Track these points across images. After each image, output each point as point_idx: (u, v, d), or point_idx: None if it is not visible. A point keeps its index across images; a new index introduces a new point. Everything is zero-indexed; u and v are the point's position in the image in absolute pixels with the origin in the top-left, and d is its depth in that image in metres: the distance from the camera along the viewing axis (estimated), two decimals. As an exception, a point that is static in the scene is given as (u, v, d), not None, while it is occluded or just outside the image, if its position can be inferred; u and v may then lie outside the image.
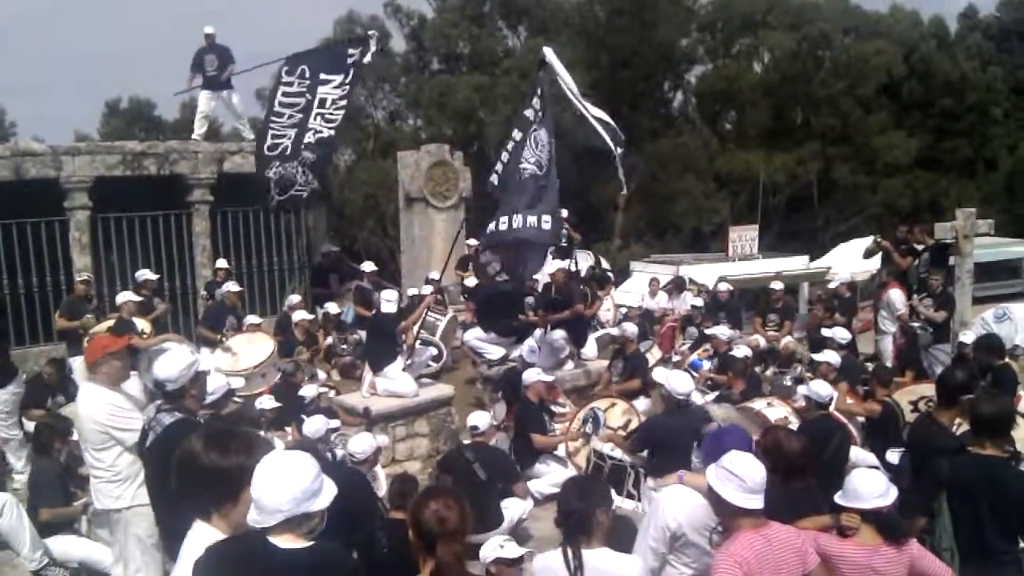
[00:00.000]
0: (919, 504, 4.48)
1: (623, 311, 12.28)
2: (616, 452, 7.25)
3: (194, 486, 2.90)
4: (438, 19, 33.08)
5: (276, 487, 2.65)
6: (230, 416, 6.92)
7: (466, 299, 12.33)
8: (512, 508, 6.73)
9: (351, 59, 9.10)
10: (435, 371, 10.16)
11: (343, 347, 11.11)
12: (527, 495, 7.12)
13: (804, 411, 7.17)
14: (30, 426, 8.11)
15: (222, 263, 11.80)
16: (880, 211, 30.46)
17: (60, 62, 69.23)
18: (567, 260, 11.24)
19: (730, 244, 19.04)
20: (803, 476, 4.32)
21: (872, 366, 9.66)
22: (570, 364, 10.16)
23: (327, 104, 9.07)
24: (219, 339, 9.73)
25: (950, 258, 10.75)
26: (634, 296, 13.21)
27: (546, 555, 3.81)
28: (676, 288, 13.66)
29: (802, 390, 7.46)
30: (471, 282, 12.46)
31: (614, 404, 8.41)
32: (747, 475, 3.49)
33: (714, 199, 30.06)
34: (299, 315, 10.58)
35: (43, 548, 6.15)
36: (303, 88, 9.07)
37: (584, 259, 13.88)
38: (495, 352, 10.23)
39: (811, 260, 19.82)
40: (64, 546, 6.29)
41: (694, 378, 9.41)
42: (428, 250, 13.42)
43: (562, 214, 9.65)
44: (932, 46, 33.90)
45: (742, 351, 9.55)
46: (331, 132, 9.23)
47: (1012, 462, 4.86)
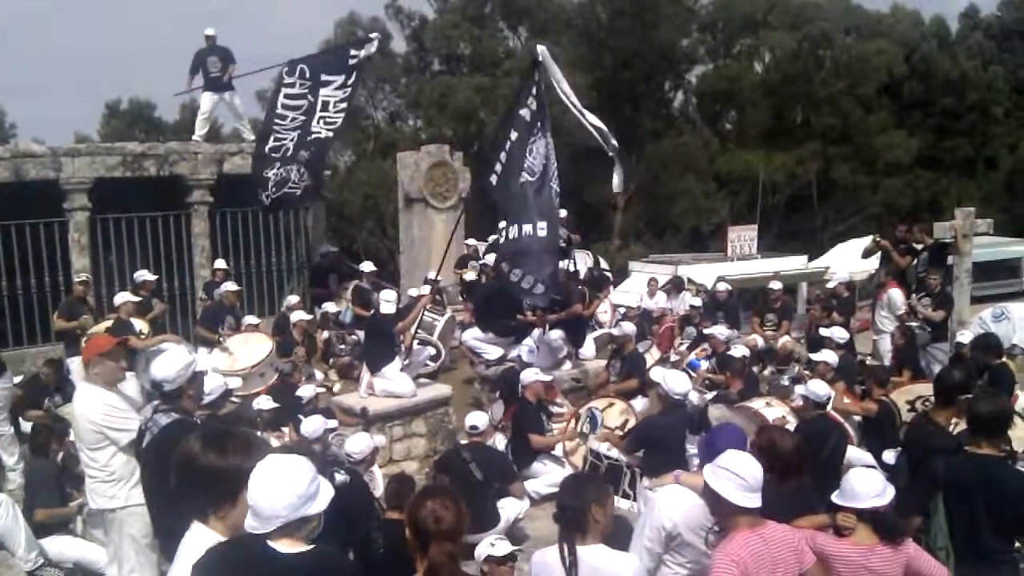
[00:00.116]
0: (915, 503, 4.48)
1: (621, 311, 12.28)
2: (612, 452, 7.26)
3: (192, 487, 2.89)
4: (439, 20, 33.12)
5: (272, 493, 2.64)
6: (227, 416, 6.92)
7: (464, 299, 12.32)
8: (509, 508, 6.72)
9: (353, 60, 9.12)
10: (433, 371, 10.15)
11: (341, 347, 11.11)
12: (524, 495, 7.12)
13: (802, 410, 7.18)
14: (27, 426, 8.12)
15: (221, 263, 11.80)
16: (880, 211, 30.48)
17: (60, 63, 69.39)
18: (566, 260, 11.23)
19: (729, 244, 19.03)
20: (798, 475, 4.32)
21: (870, 365, 9.65)
22: (568, 364, 10.17)
23: (329, 107, 9.10)
24: (217, 340, 9.75)
25: (949, 257, 10.76)
26: (633, 296, 13.21)
27: (544, 551, 3.80)
28: (675, 288, 13.65)
29: (800, 390, 7.46)
30: (470, 276, 12.43)
31: (612, 404, 8.41)
32: (747, 473, 3.48)
33: (714, 199, 30.09)
34: (297, 315, 10.57)
35: (38, 548, 6.14)
36: (304, 89, 9.09)
37: (583, 259, 13.87)
38: (493, 352, 10.22)
39: (810, 260, 19.82)
40: (59, 546, 6.28)
41: (692, 378, 9.44)
42: (427, 251, 13.40)
43: (561, 214, 9.66)
44: (933, 46, 33.91)
45: (740, 351, 9.56)
46: (330, 134, 9.29)
47: (1008, 461, 4.85)
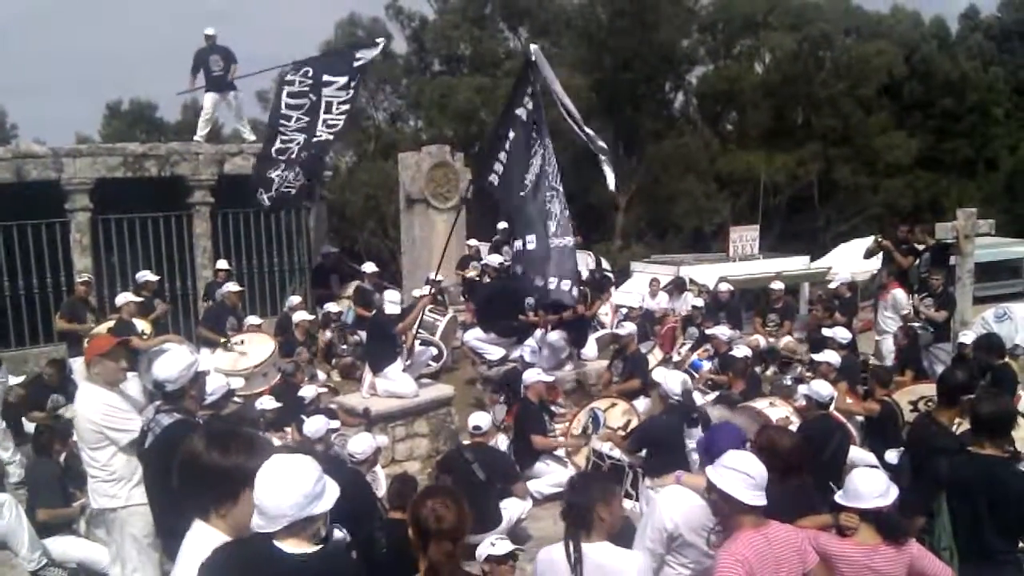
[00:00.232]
0: (919, 504, 4.47)
1: (623, 311, 12.27)
2: (615, 452, 7.26)
3: (194, 485, 2.89)
4: (439, 21, 33.15)
5: (279, 492, 2.64)
6: (230, 417, 6.92)
7: (466, 299, 12.33)
8: (511, 508, 6.73)
9: (357, 63, 9.12)
10: (435, 371, 10.15)
11: (343, 347, 11.11)
12: (526, 495, 7.12)
13: (804, 411, 7.18)
14: (30, 426, 8.12)
15: (222, 264, 11.78)
16: (881, 211, 30.48)
17: (61, 63, 69.43)
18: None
19: (731, 244, 19.01)
20: (799, 474, 4.32)
21: (872, 365, 9.65)
22: (570, 365, 10.17)
23: (332, 108, 9.08)
24: (225, 341, 9.70)
25: (951, 258, 10.75)
26: (634, 296, 13.21)
27: (549, 548, 3.81)
28: (676, 289, 13.64)
29: (803, 390, 7.45)
30: (472, 274, 12.43)
31: (614, 404, 8.41)
32: (754, 472, 3.49)
33: (715, 199, 30.09)
34: (299, 316, 10.56)
35: (42, 548, 6.15)
36: (305, 88, 9.09)
37: (584, 260, 13.87)
38: (495, 352, 10.23)
39: (812, 260, 19.79)
40: (62, 546, 6.29)
41: (694, 378, 9.45)
42: (429, 251, 13.41)
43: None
44: (933, 47, 33.90)
45: (742, 351, 9.55)
46: (331, 137, 9.28)
47: (1012, 462, 4.85)
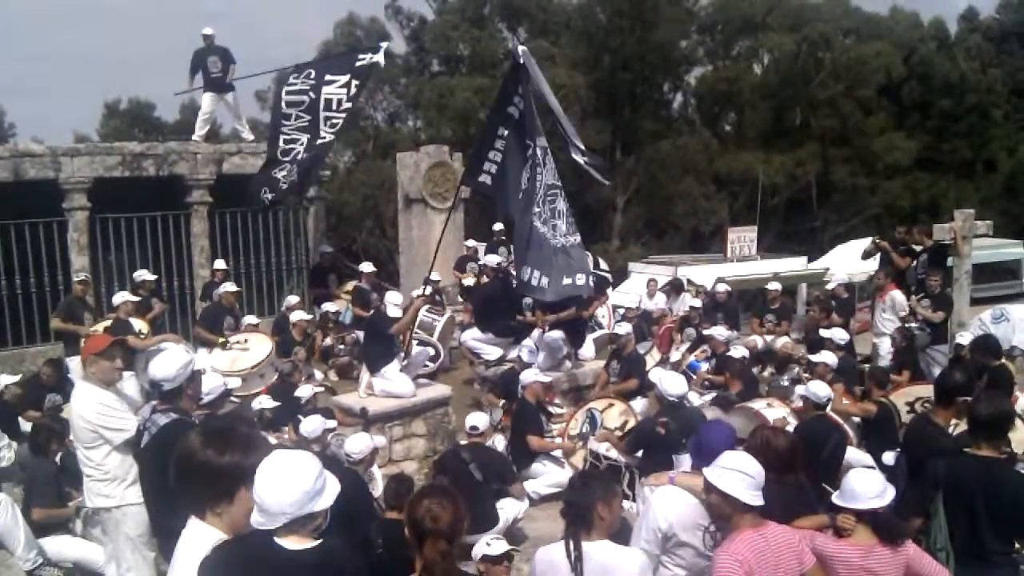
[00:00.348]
0: (915, 504, 4.47)
1: (620, 311, 12.27)
2: (612, 452, 7.26)
3: (190, 483, 2.88)
4: (438, 21, 33.13)
5: (279, 489, 2.64)
6: (226, 416, 6.91)
7: (464, 299, 12.33)
8: (508, 508, 6.72)
9: (359, 62, 9.09)
10: (432, 371, 10.14)
11: (340, 347, 11.10)
12: (523, 496, 7.12)
13: (801, 412, 7.18)
14: (27, 426, 8.10)
15: (220, 264, 11.79)
16: (879, 212, 30.51)
17: (59, 63, 69.40)
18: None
19: (729, 245, 18.99)
20: (794, 472, 4.32)
21: (867, 367, 9.65)
22: (568, 364, 10.17)
23: (332, 106, 9.04)
24: (222, 341, 9.68)
25: (948, 259, 10.77)
26: (632, 297, 13.20)
27: (548, 548, 3.81)
28: (674, 290, 13.61)
29: (800, 390, 7.46)
30: (469, 282, 12.44)
31: (612, 404, 8.42)
32: (753, 471, 3.51)
33: (713, 200, 30.06)
34: (297, 315, 10.55)
35: (37, 548, 6.13)
36: (306, 87, 9.06)
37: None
38: (493, 352, 10.22)
39: (809, 261, 19.79)
40: (58, 546, 6.28)
41: (691, 379, 9.45)
42: (427, 251, 13.38)
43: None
44: (932, 48, 33.91)
45: (740, 352, 9.56)
46: (332, 137, 9.25)
47: (1008, 463, 4.85)
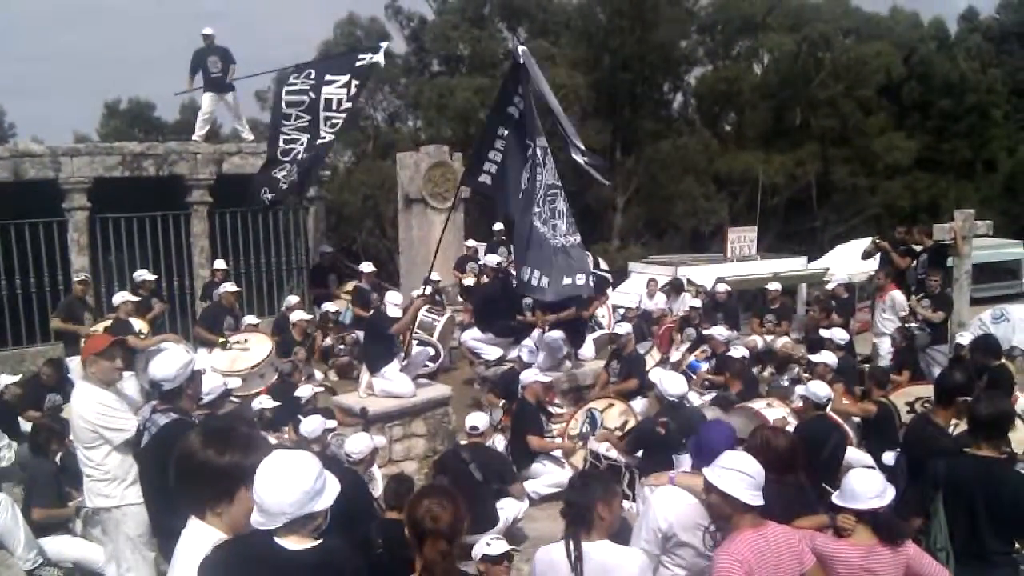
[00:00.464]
0: (915, 504, 4.47)
1: (620, 311, 12.26)
2: (612, 452, 7.26)
3: (190, 483, 2.88)
4: (438, 21, 33.13)
5: (279, 489, 2.64)
6: (226, 416, 6.91)
7: (464, 299, 12.33)
8: (508, 508, 6.72)
9: (359, 62, 9.08)
10: (432, 371, 10.14)
11: (340, 347, 11.09)
12: (523, 496, 7.12)
13: (801, 411, 7.18)
14: (27, 426, 8.10)
15: (220, 264, 11.78)
16: (879, 212, 30.51)
17: (59, 63, 69.39)
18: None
19: (729, 245, 18.98)
20: (794, 471, 4.33)
21: (867, 367, 9.65)
22: (568, 364, 10.17)
23: (332, 105, 9.02)
24: (222, 341, 9.67)
25: (948, 259, 10.76)
26: (632, 297, 13.19)
27: (548, 548, 3.80)
28: (674, 290, 13.60)
29: (800, 390, 7.46)
30: (469, 282, 12.44)
31: (612, 404, 8.41)
32: (754, 471, 3.51)
33: (713, 200, 30.06)
34: (297, 315, 10.55)
35: (37, 548, 6.13)
36: (306, 87, 9.05)
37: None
38: (493, 352, 10.22)
39: (809, 261, 19.79)
40: (58, 546, 6.28)
41: (691, 379, 9.45)
42: (427, 251, 13.39)
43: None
44: (932, 48, 33.91)
45: (740, 352, 9.56)
46: (332, 137, 9.22)
47: (1008, 463, 4.85)
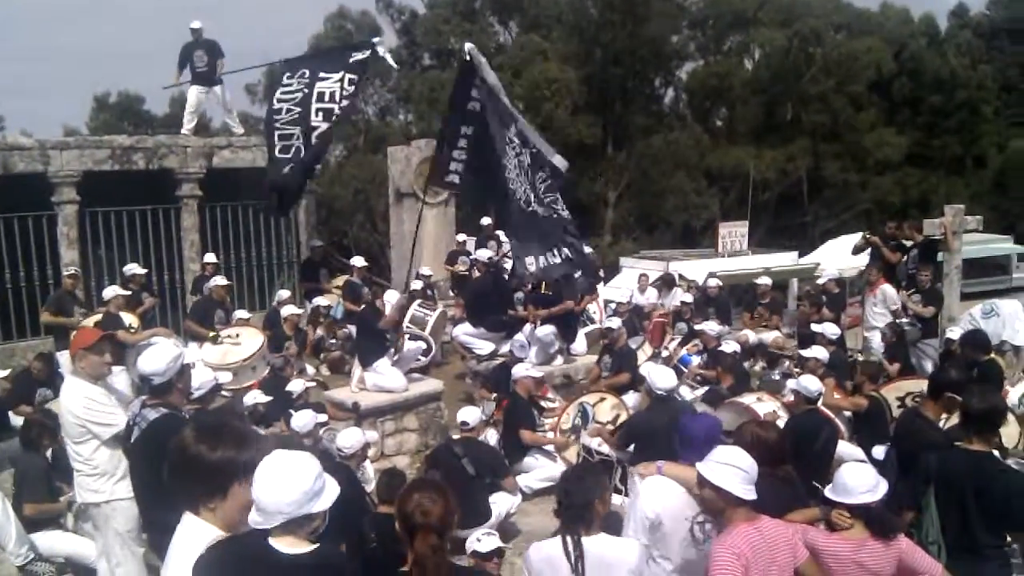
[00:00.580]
0: (906, 498, 4.49)
1: (612, 306, 12.26)
2: (604, 447, 7.25)
3: (183, 478, 2.86)
4: (429, 14, 33.06)
5: (277, 489, 2.62)
6: (217, 411, 6.88)
7: (455, 294, 12.31)
8: (501, 503, 6.72)
9: (352, 59, 9.00)
10: (424, 366, 10.13)
11: (332, 342, 11.07)
12: (516, 490, 7.11)
13: (792, 406, 7.19)
14: (18, 421, 8.06)
15: (210, 257, 11.74)
16: (869, 208, 30.62)
17: (49, 56, 68.94)
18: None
19: (720, 240, 19.05)
20: (783, 463, 4.35)
21: (859, 360, 9.69)
22: (559, 359, 10.17)
23: (325, 98, 8.96)
24: (213, 335, 9.62)
25: (938, 254, 10.80)
26: (623, 292, 13.20)
27: (540, 546, 3.79)
28: (665, 285, 13.62)
29: (791, 384, 7.46)
30: (462, 270, 12.40)
31: (603, 399, 8.41)
32: (746, 465, 3.52)
33: (704, 195, 30.15)
34: (288, 310, 10.51)
35: (29, 543, 6.08)
36: (301, 85, 8.97)
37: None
38: (485, 347, 10.21)
39: (800, 256, 19.88)
40: (50, 541, 6.23)
41: (683, 373, 9.45)
42: (418, 245, 13.35)
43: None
44: (922, 44, 34.04)
45: (731, 346, 9.57)
46: (327, 125, 9.08)
47: (999, 457, 4.87)
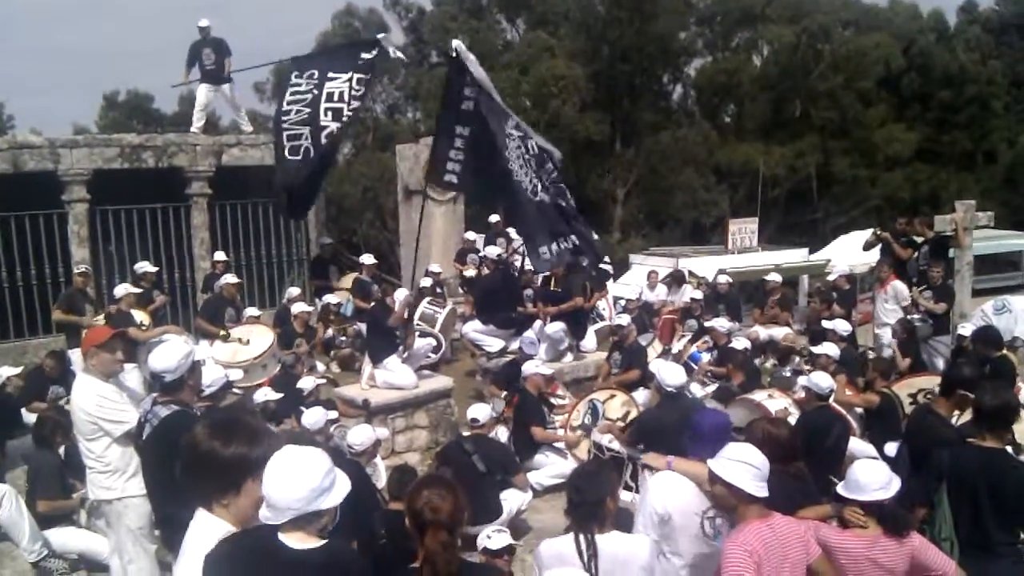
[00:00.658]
0: (918, 495, 4.48)
1: (622, 303, 12.24)
2: (614, 444, 7.25)
3: (196, 475, 2.87)
4: (437, 12, 33.03)
5: (286, 485, 2.62)
6: (229, 408, 6.90)
7: (465, 291, 12.32)
8: (511, 500, 6.72)
9: (362, 60, 9.00)
10: (434, 363, 10.14)
11: (342, 339, 11.09)
12: (526, 487, 7.12)
13: (804, 402, 7.18)
14: (30, 418, 8.09)
15: (220, 255, 11.76)
16: (880, 204, 30.50)
17: (58, 55, 69.20)
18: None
19: (729, 237, 19.00)
20: (795, 460, 4.34)
21: (871, 356, 9.66)
22: (569, 356, 10.17)
23: (334, 97, 8.95)
24: (223, 333, 9.65)
25: (950, 250, 10.75)
26: (633, 289, 13.17)
27: (554, 542, 3.78)
28: (675, 281, 13.60)
29: (802, 381, 7.45)
30: (470, 274, 12.43)
31: (613, 395, 8.40)
32: (759, 462, 3.51)
33: (713, 192, 30.07)
34: (298, 307, 10.53)
35: (42, 540, 6.13)
36: (311, 86, 8.97)
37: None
38: (494, 344, 10.22)
39: (810, 253, 19.79)
40: (63, 537, 6.28)
41: (693, 371, 9.44)
42: (427, 243, 13.39)
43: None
44: (931, 39, 33.86)
45: (741, 343, 9.55)
46: (338, 124, 9.06)
47: (1012, 454, 4.85)
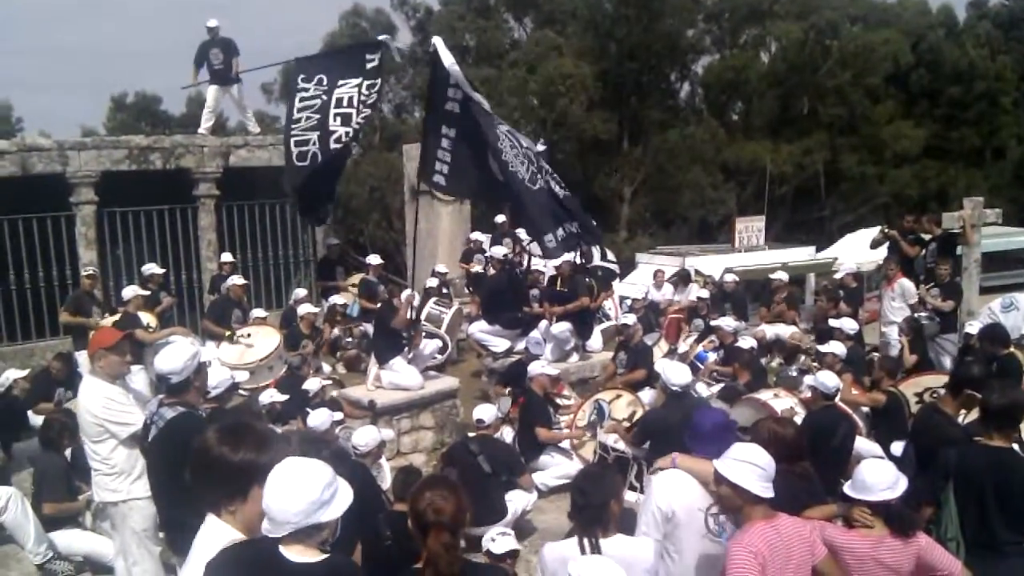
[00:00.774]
0: (925, 494, 4.46)
1: (627, 302, 12.22)
2: (620, 444, 7.24)
3: (205, 479, 2.85)
4: (444, 11, 33.05)
5: (285, 498, 2.59)
6: (235, 410, 6.91)
7: (471, 292, 12.31)
8: (517, 500, 6.71)
9: (370, 64, 8.99)
10: (440, 364, 10.14)
11: (348, 340, 11.09)
12: (532, 487, 7.11)
13: (810, 402, 7.16)
14: (37, 420, 8.12)
15: (227, 257, 11.79)
16: (887, 201, 30.39)
17: (66, 57, 69.49)
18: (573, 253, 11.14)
19: (736, 235, 18.96)
20: (801, 459, 4.32)
21: (877, 356, 9.61)
22: (575, 356, 10.16)
23: (343, 103, 8.93)
24: (229, 334, 9.66)
25: (957, 248, 10.70)
26: (639, 288, 13.15)
27: (555, 546, 3.77)
28: (682, 281, 13.56)
29: (809, 380, 7.43)
30: (477, 270, 12.41)
31: (619, 395, 8.40)
32: (765, 463, 3.50)
33: (720, 190, 30.00)
34: (305, 308, 10.54)
35: (48, 541, 6.15)
36: (319, 92, 8.96)
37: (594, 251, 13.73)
38: (500, 344, 10.21)
39: (818, 251, 19.73)
40: (68, 539, 6.29)
41: (699, 370, 9.42)
42: (434, 243, 13.41)
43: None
44: (940, 35, 33.73)
45: (748, 342, 9.52)
46: (347, 131, 8.93)
47: (1019, 453, 4.82)
